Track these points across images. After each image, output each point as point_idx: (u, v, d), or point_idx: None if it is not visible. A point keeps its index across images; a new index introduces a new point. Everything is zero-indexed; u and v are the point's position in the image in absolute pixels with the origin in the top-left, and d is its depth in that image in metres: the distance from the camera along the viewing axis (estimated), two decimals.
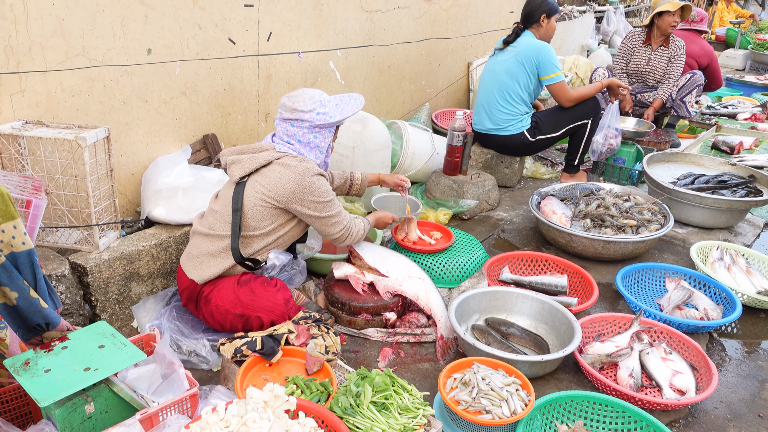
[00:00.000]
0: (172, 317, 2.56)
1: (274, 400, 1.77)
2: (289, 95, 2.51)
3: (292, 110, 2.46)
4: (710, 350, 2.74)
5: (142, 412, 1.83)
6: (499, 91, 4.13)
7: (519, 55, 4.05)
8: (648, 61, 5.31)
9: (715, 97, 7.10)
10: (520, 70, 4.06)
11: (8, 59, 2.39)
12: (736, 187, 3.89)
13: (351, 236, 2.65)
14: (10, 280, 1.86)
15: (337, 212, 2.56)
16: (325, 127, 2.50)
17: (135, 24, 2.78)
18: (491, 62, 4.25)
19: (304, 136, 2.50)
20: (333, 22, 3.94)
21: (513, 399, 2.06)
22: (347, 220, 2.62)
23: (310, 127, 2.48)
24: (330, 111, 2.49)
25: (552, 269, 3.15)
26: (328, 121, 2.47)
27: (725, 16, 11.40)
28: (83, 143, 2.31)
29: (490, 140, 4.34)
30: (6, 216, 1.85)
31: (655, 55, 5.27)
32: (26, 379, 1.74)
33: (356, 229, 2.68)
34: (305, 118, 2.46)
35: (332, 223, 2.56)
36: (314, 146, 2.52)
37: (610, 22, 8.58)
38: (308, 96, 2.48)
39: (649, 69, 5.33)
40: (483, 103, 4.27)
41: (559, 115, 4.24)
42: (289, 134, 2.51)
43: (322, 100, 2.49)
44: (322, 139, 2.52)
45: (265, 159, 2.45)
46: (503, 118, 4.18)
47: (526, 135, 4.20)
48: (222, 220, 2.46)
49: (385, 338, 2.65)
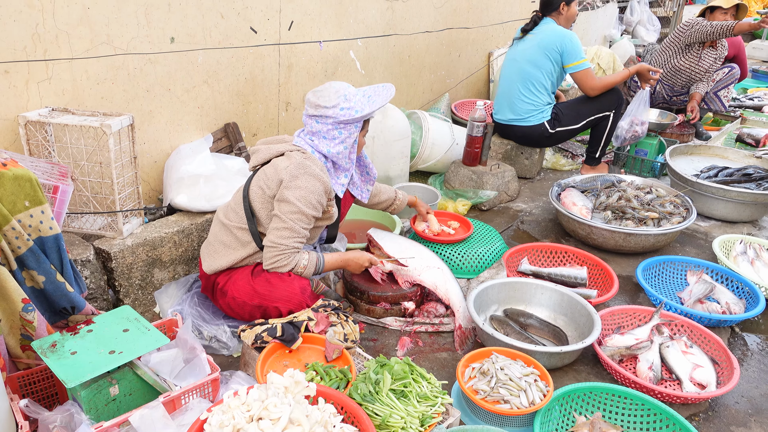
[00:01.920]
0: (193, 303, 2.60)
1: (295, 385, 1.78)
2: (314, 90, 2.44)
3: (316, 106, 2.39)
4: (732, 344, 2.71)
5: (165, 395, 1.86)
6: (521, 81, 4.09)
7: (541, 43, 3.99)
8: (697, 61, 5.09)
9: (741, 89, 6.98)
10: (543, 58, 4.00)
11: (35, 47, 2.42)
12: (761, 180, 3.82)
13: (276, 261, 2.34)
14: (37, 264, 1.90)
15: (290, 227, 2.31)
16: (351, 122, 2.42)
17: (158, 12, 2.80)
18: (512, 52, 4.21)
19: (328, 133, 2.42)
20: (354, 11, 3.93)
21: (531, 389, 2.06)
22: (289, 244, 2.33)
23: (334, 123, 2.40)
24: (356, 105, 2.40)
25: (571, 261, 3.13)
26: (353, 116, 2.39)
27: (753, 6, 11.16)
28: (108, 130, 2.34)
29: (511, 131, 4.31)
30: (34, 201, 1.89)
31: (705, 55, 5.06)
32: (53, 360, 1.78)
33: (287, 261, 2.35)
34: (329, 114, 2.38)
35: (275, 228, 2.33)
36: (339, 142, 2.43)
37: (633, 12, 8.45)
38: (333, 90, 2.39)
39: (691, 70, 5.15)
40: (504, 93, 4.23)
41: (581, 107, 4.18)
42: (313, 131, 2.44)
43: (347, 94, 2.40)
44: (348, 134, 2.43)
45: (278, 150, 2.44)
46: (525, 108, 4.14)
47: (546, 126, 4.16)
48: (236, 210, 2.48)
49: (403, 327, 2.66)
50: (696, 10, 9.49)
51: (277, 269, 2.38)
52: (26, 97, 2.46)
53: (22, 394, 1.93)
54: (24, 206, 1.87)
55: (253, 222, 2.43)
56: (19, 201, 1.85)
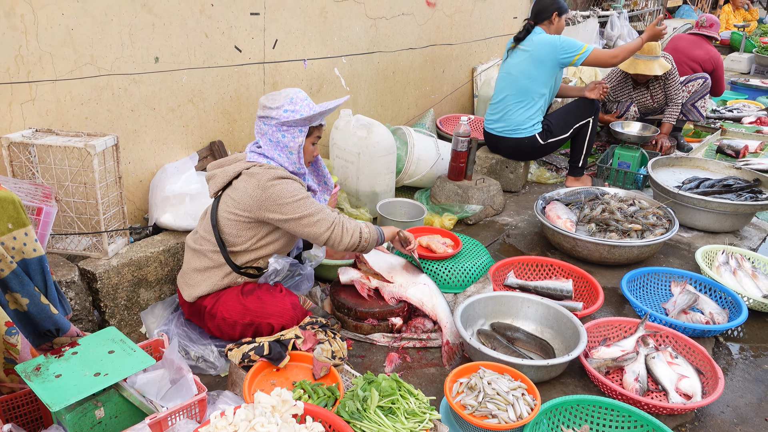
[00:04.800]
0: (180, 323, 2.58)
1: (282, 404, 1.78)
2: (268, 94, 2.45)
3: (263, 107, 2.39)
4: (716, 354, 2.74)
5: (152, 416, 1.85)
6: (515, 93, 4.16)
7: (534, 54, 4.06)
8: (651, 98, 5.22)
9: (720, 100, 7.10)
10: (538, 69, 4.08)
11: (19, 69, 2.42)
12: (742, 191, 3.88)
13: (346, 235, 2.42)
14: (21, 286, 1.88)
15: (314, 210, 2.36)
16: (294, 125, 2.38)
17: (142, 33, 2.81)
18: (506, 65, 4.26)
19: (273, 135, 2.40)
20: (338, 29, 3.97)
21: (519, 403, 2.07)
22: (333, 218, 2.40)
23: (277, 124, 2.37)
24: (300, 109, 2.36)
25: (557, 274, 3.16)
26: (294, 117, 2.34)
27: (731, 20, 11.38)
28: (92, 151, 2.34)
29: (501, 143, 4.36)
30: (18, 223, 1.88)
31: (653, 88, 5.17)
32: (37, 384, 1.76)
33: (351, 228, 2.44)
34: (273, 115, 2.37)
35: (312, 223, 2.36)
36: (283, 146, 2.40)
37: (614, 26, 8.58)
38: (283, 94, 2.38)
39: (654, 103, 5.26)
40: (498, 104, 4.29)
41: (567, 116, 4.28)
42: (261, 132, 2.43)
43: (294, 98, 2.37)
44: (291, 138, 2.39)
45: (234, 171, 2.43)
46: (518, 120, 4.20)
47: (538, 138, 4.22)
48: (206, 238, 2.47)
49: (391, 343, 2.67)
50: (676, 24, 9.65)
51: (352, 238, 2.42)
52: (9, 119, 2.45)
53: (5, 419, 1.91)
54: (7, 228, 1.85)
55: (225, 248, 2.43)
56: (1, 223, 1.84)
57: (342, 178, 3.89)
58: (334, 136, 3.87)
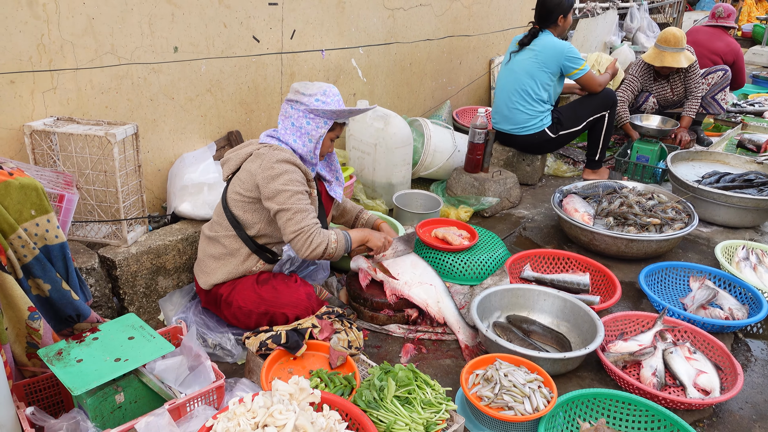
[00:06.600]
0: (197, 311, 2.60)
1: (300, 392, 1.79)
2: (302, 81, 2.48)
3: (296, 92, 2.42)
4: (735, 350, 2.71)
5: (171, 402, 1.87)
6: (518, 92, 4.12)
7: (539, 56, 4.04)
8: (671, 90, 5.14)
9: (741, 94, 6.99)
10: (541, 71, 4.05)
11: (41, 57, 2.44)
12: (763, 186, 3.83)
13: (306, 248, 2.33)
14: (43, 272, 1.91)
15: (298, 209, 2.33)
16: (321, 115, 2.41)
17: (162, 22, 2.82)
18: (509, 65, 4.23)
19: (298, 120, 2.43)
20: (355, 19, 3.96)
21: (535, 395, 2.06)
22: (305, 225, 2.32)
23: (305, 110, 2.40)
24: (330, 102, 2.40)
25: (574, 267, 3.14)
26: (323, 108, 2.38)
27: (753, 12, 11.19)
28: (113, 139, 2.36)
29: (512, 140, 4.34)
30: (40, 210, 1.90)
31: (673, 81, 5.09)
32: (59, 368, 1.79)
33: (317, 242, 2.34)
34: (303, 101, 2.39)
35: (286, 218, 2.33)
36: (304, 132, 2.42)
37: (633, 18, 8.47)
38: (317, 85, 2.42)
39: (674, 96, 5.18)
40: (502, 104, 4.26)
41: (579, 108, 4.25)
42: (286, 115, 2.46)
43: (328, 90, 2.41)
44: (314, 127, 2.42)
45: (246, 153, 2.46)
46: (523, 119, 4.17)
47: (548, 132, 4.19)
48: (220, 222, 2.50)
49: (406, 334, 2.67)
50: (696, 16, 9.51)
51: (314, 251, 2.34)
52: (31, 107, 2.48)
53: (28, 402, 1.94)
54: (30, 215, 1.88)
55: (240, 228, 2.45)
56: (25, 210, 1.87)
57: (358, 170, 3.89)
58: (351, 128, 3.87)
